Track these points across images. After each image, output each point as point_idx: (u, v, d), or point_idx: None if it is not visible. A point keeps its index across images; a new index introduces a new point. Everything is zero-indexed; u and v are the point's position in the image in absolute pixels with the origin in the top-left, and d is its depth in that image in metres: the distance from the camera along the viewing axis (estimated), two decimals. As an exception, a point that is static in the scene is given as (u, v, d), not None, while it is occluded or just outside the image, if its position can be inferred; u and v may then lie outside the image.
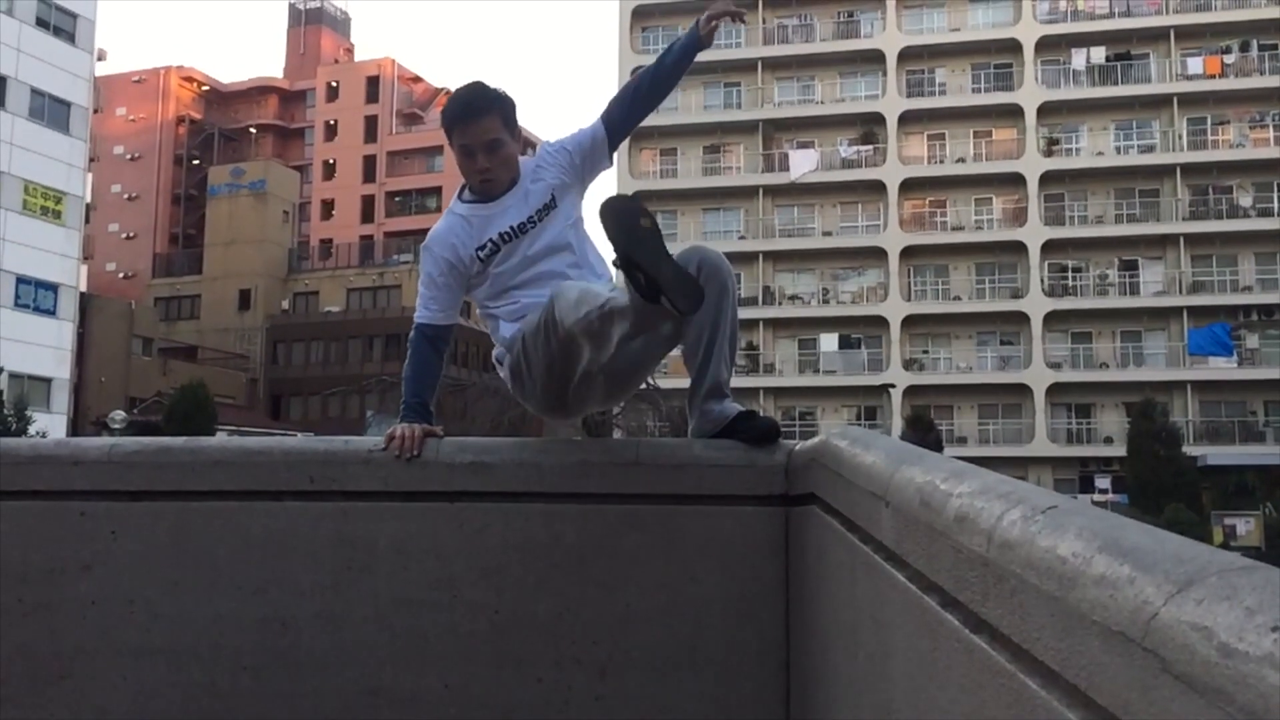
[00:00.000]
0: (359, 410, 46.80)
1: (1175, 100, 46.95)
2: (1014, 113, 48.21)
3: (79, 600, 2.96)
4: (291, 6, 77.84)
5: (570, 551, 2.87)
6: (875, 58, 49.80)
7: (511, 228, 3.02)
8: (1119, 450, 41.47)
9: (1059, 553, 1.11)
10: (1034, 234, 46.81)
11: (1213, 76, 46.98)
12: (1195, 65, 47.26)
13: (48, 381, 41.93)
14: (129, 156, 69.39)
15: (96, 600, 2.95)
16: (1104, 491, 40.63)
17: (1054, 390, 45.50)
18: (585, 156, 3.13)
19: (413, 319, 3.11)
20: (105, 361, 47.78)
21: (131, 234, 68.10)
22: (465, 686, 2.84)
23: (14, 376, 37.74)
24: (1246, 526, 32.26)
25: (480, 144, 2.99)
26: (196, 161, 71.77)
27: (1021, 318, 46.34)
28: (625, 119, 3.17)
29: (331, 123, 70.10)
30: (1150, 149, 47.49)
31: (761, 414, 3.09)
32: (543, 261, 3.03)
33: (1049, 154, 48.11)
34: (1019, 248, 47.03)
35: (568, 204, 3.10)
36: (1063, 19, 48.96)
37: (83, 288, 45.97)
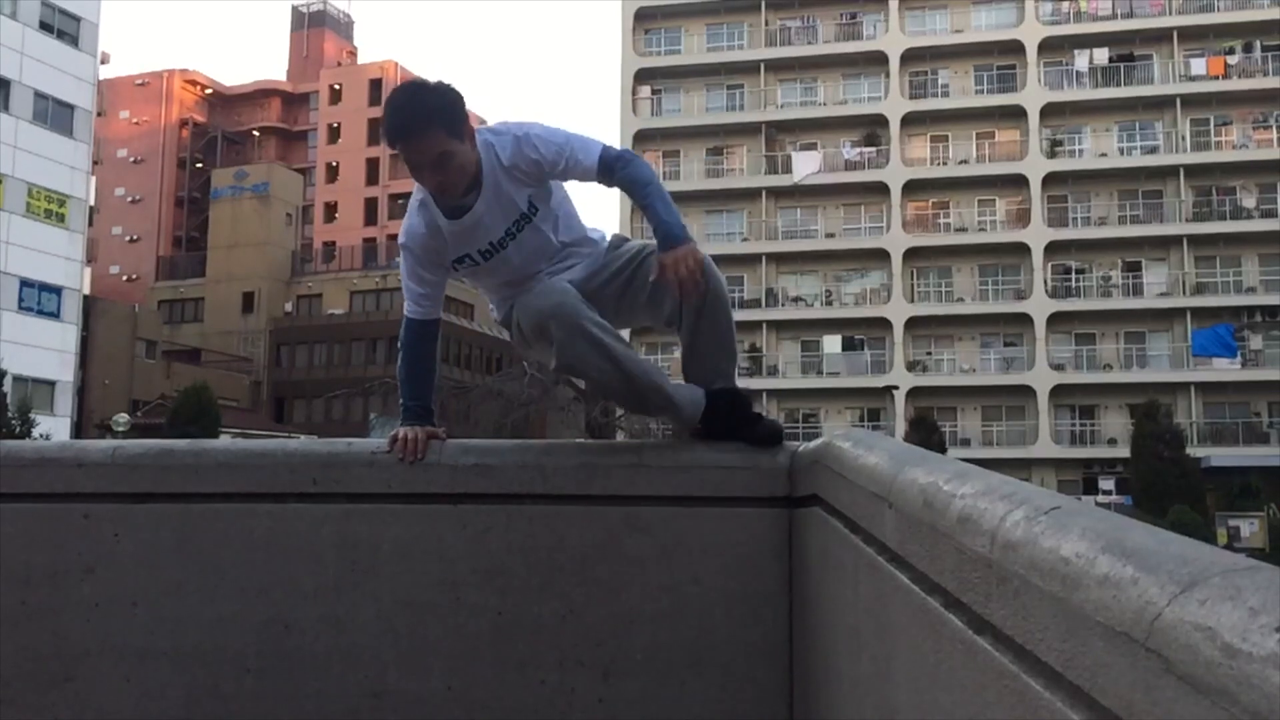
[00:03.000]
0: (362, 413, 46.89)
1: (1178, 101, 46.93)
2: (1017, 114, 48.21)
3: (82, 602, 2.96)
4: (294, 9, 78.02)
5: (573, 553, 2.87)
6: (878, 59, 49.81)
7: (491, 244, 2.94)
8: (1123, 452, 41.43)
9: (1062, 554, 1.11)
10: (1037, 235, 46.80)
11: (1216, 77, 46.96)
12: (1198, 66, 47.25)
13: (51, 384, 42.00)
14: (132, 159, 69.53)
15: (100, 602, 2.96)
16: (1108, 493, 40.60)
17: (1057, 392, 45.48)
18: (560, 175, 2.94)
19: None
20: (109, 364, 47.85)
21: (135, 237, 68.24)
22: (468, 689, 2.84)
23: (18, 379, 37.80)
24: (1251, 528, 32.26)
25: (426, 161, 2.75)
26: (199, 164, 71.93)
27: (1025, 319, 46.32)
28: (612, 185, 3.00)
29: (334, 125, 70.20)
30: (1153, 150, 47.48)
31: (766, 416, 3.11)
32: (528, 265, 3.02)
33: (1052, 155, 48.10)
34: (1022, 249, 47.02)
35: (545, 207, 2.97)
36: (1065, 20, 48.96)
37: (86, 291, 46.06)
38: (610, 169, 2.92)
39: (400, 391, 3.05)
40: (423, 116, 2.72)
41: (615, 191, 3.02)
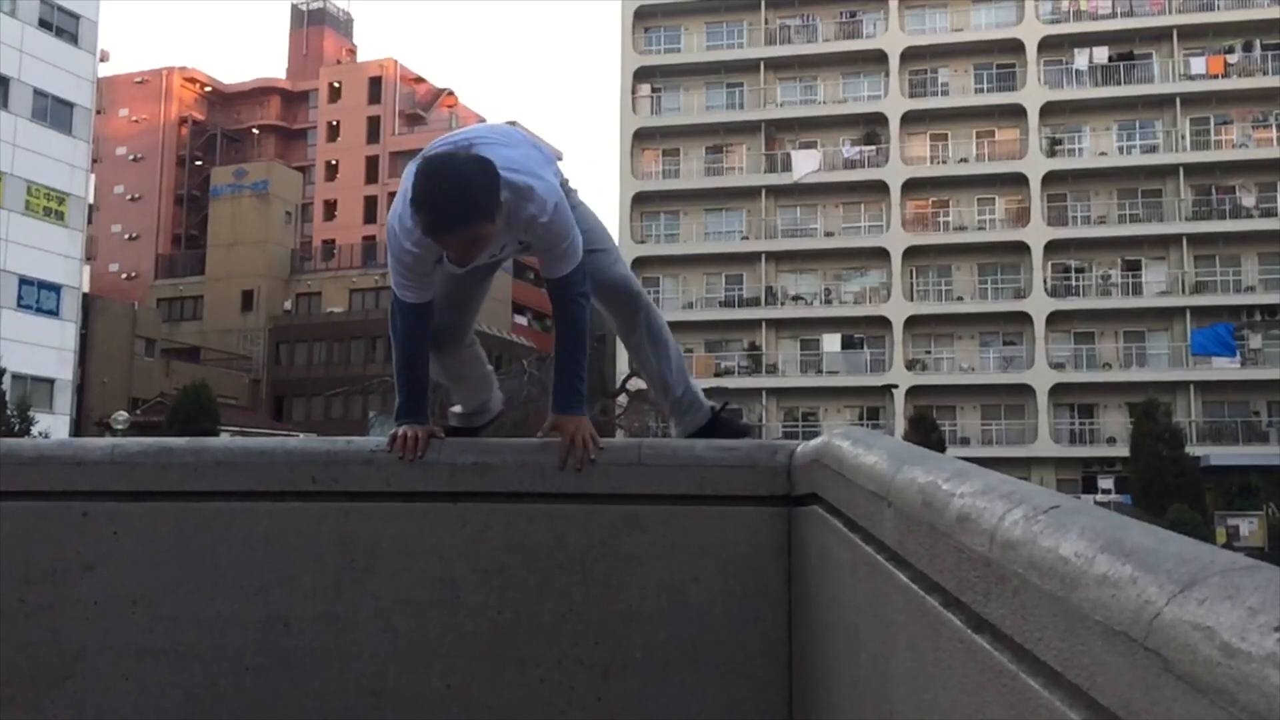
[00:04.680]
0: (361, 411, 46.88)
1: (1178, 100, 46.93)
2: (1017, 113, 48.21)
3: (81, 600, 2.96)
4: (294, 7, 77.93)
5: (572, 552, 2.87)
6: (878, 58, 49.81)
7: (475, 266, 3.03)
8: (1122, 451, 41.46)
9: (1061, 553, 1.11)
10: (1037, 234, 46.80)
11: (1215, 76, 46.96)
12: (1198, 65, 47.25)
13: (51, 383, 41.98)
14: (131, 157, 69.47)
15: (99, 600, 2.96)
16: (1107, 492, 40.66)
17: (1057, 390, 45.49)
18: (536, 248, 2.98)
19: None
20: (108, 363, 47.83)
21: (134, 235, 68.19)
22: (467, 687, 2.84)
23: (17, 377, 37.78)
24: (1250, 527, 32.29)
25: (463, 247, 2.75)
26: (199, 162, 71.86)
27: (1024, 318, 46.33)
28: (552, 298, 3.05)
29: (334, 123, 70.14)
30: (1153, 149, 47.48)
31: (727, 408, 3.43)
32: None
33: (1052, 154, 48.10)
34: (1022, 248, 47.02)
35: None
36: (1065, 19, 48.95)
37: (85, 289, 46.02)
38: (566, 290, 2.96)
39: (398, 386, 3.03)
40: (468, 213, 2.64)
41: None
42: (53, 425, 38.70)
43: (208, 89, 75.30)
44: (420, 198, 2.65)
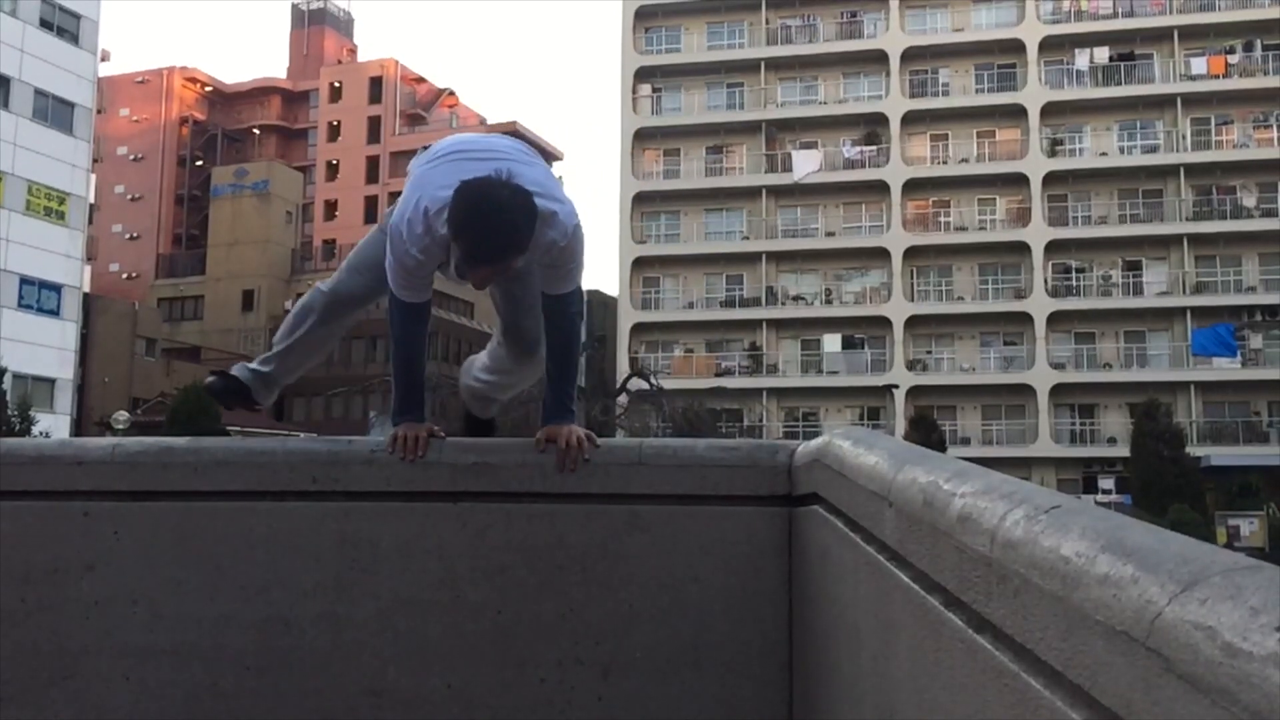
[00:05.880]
0: (362, 411, 46.92)
1: (1179, 100, 46.91)
2: (1017, 113, 48.19)
3: (82, 600, 2.96)
4: (294, 7, 77.94)
5: (573, 552, 2.87)
6: (878, 58, 49.80)
7: None
8: (1122, 451, 41.43)
9: (1062, 552, 1.10)
10: (1037, 234, 46.78)
11: (1216, 76, 46.94)
12: (1199, 65, 47.23)
13: (51, 382, 41.99)
14: (132, 157, 69.47)
15: (99, 600, 2.96)
16: (1107, 492, 40.60)
17: (1057, 391, 45.47)
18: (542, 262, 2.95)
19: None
20: (109, 362, 47.86)
21: (135, 235, 68.21)
22: (468, 687, 2.84)
23: (18, 377, 37.78)
24: (1250, 527, 32.24)
25: (490, 275, 2.82)
26: (200, 162, 71.88)
27: (1025, 318, 46.32)
28: (550, 313, 3.04)
29: (335, 123, 70.15)
30: (1154, 149, 47.45)
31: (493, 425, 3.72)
32: None
33: (1052, 154, 48.08)
34: (1022, 248, 47.01)
35: None
36: (1066, 19, 48.94)
37: (86, 288, 46.03)
38: (564, 306, 2.98)
39: (396, 385, 3.01)
40: (509, 251, 2.70)
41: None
42: (53, 425, 38.71)
43: (208, 89, 75.30)
44: (462, 228, 2.66)
